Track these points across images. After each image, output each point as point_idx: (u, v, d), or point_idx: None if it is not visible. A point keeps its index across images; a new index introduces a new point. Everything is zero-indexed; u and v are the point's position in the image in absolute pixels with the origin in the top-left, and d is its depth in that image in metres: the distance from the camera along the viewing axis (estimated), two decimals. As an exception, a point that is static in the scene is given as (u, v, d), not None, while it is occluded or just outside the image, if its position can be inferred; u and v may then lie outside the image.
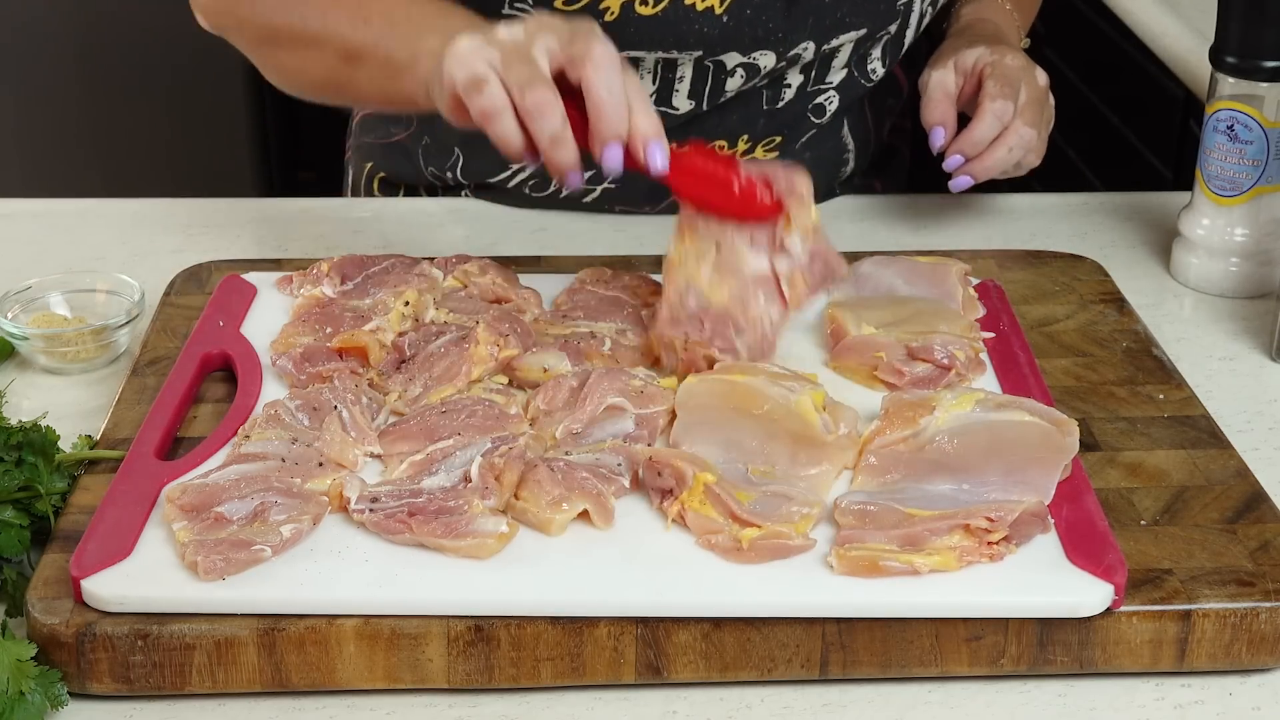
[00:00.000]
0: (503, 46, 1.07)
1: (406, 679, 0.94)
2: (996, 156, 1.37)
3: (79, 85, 2.98)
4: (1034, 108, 1.38)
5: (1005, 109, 1.37)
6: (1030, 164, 1.40)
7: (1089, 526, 1.00)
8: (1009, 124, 1.37)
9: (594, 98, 1.06)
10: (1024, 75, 1.39)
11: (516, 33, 1.08)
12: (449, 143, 1.51)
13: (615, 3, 1.33)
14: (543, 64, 1.06)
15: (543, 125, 1.06)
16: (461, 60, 1.08)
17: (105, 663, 0.93)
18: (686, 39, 1.35)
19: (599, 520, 0.99)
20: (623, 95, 1.06)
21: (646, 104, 1.08)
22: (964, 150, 1.38)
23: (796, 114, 1.47)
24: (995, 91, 1.37)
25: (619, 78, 1.06)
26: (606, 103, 1.06)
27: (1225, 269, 1.39)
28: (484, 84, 1.06)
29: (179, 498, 0.99)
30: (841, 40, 1.40)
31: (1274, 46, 1.31)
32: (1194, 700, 0.96)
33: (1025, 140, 1.37)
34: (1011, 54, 1.41)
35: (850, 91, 1.47)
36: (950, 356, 1.16)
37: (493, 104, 1.06)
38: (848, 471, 1.06)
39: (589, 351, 1.15)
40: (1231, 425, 1.19)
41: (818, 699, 0.96)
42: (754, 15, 1.35)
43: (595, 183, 1.49)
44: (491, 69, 1.06)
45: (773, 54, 1.38)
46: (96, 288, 1.29)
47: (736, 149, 1.47)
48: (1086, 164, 2.41)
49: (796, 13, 1.36)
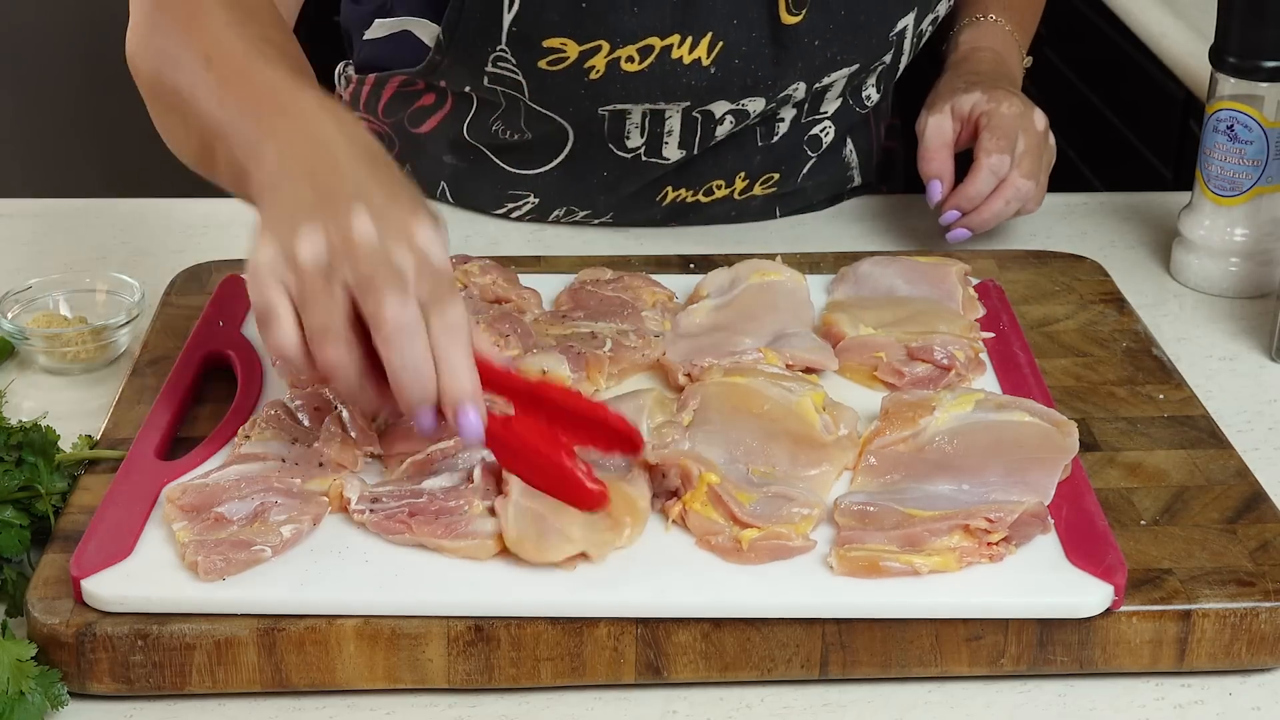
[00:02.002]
0: (300, 274, 0.92)
1: (406, 679, 0.94)
2: (993, 210, 1.37)
3: (79, 85, 2.98)
4: (1031, 156, 1.37)
5: (1001, 163, 1.35)
6: (1029, 210, 1.40)
7: (1089, 527, 1.00)
8: (1005, 177, 1.36)
9: (389, 369, 0.92)
10: (1021, 123, 1.37)
11: (318, 251, 0.92)
12: (436, 176, 1.50)
13: (601, 61, 1.31)
14: (341, 306, 0.92)
15: (338, 385, 0.94)
16: (255, 283, 0.93)
17: (105, 663, 0.93)
18: (674, 91, 1.34)
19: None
20: (421, 361, 0.92)
21: (457, 360, 0.93)
22: (960, 206, 1.37)
23: (792, 148, 1.46)
24: (991, 146, 1.36)
25: (414, 343, 0.91)
26: (400, 375, 0.92)
27: (1225, 269, 1.39)
28: (275, 323, 0.93)
29: (179, 498, 0.99)
30: (834, 78, 1.39)
31: (1274, 46, 1.31)
32: (1194, 700, 0.96)
33: (1022, 193, 1.36)
34: (1008, 99, 1.38)
35: (845, 120, 1.47)
36: (950, 357, 1.16)
37: (283, 348, 0.94)
38: (848, 472, 1.06)
39: (589, 353, 1.15)
40: (1231, 425, 1.19)
41: (818, 699, 0.96)
42: (742, 65, 1.34)
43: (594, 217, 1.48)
44: (285, 300, 0.93)
45: (762, 99, 1.37)
46: (96, 288, 1.29)
47: (734, 187, 1.46)
48: (1086, 164, 2.41)
49: (785, 58, 1.35)
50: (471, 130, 1.44)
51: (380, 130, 1.50)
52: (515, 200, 1.47)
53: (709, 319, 1.21)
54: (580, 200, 1.46)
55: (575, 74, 1.32)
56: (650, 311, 1.23)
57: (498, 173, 1.46)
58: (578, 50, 1.30)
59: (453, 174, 1.49)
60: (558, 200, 1.47)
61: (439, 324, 0.92)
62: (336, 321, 0.92)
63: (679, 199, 1.46)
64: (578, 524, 0.97)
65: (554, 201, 1.47)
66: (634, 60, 1.31)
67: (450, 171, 1.49)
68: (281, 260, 0.93)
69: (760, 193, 1.47)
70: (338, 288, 0.92)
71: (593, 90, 1.33)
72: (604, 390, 1.14)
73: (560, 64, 1.31)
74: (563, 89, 1.33)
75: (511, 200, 1.48)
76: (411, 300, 0.92)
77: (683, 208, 1.47)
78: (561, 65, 1.31)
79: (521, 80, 1.33)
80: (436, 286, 0.93)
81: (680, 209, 1.47)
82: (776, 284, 1.25)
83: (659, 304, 1.24)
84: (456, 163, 1.47)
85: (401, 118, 1.48)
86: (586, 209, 1.47)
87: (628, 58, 1.31)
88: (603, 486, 0.97)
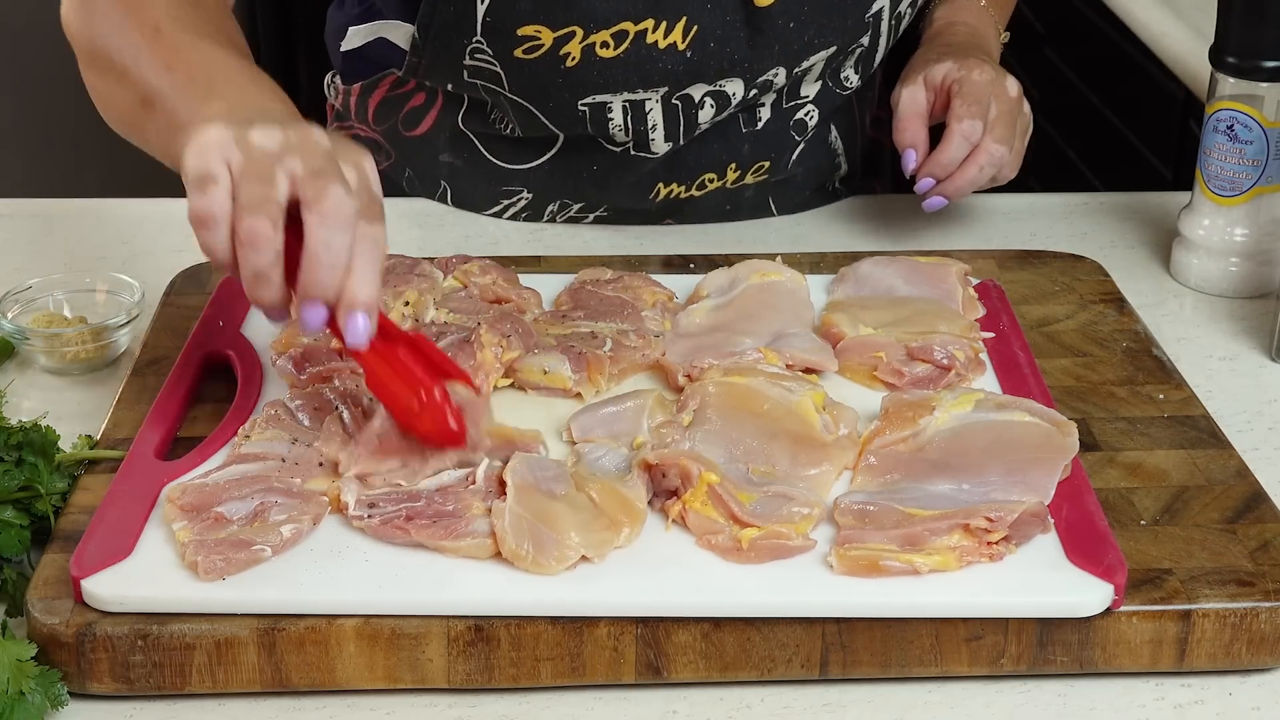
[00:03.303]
0: (249, 152, 0.95)
1: (406, 679, 0.94)
2: (968, 176, 1.36)
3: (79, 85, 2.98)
4: (1004, 122, 1.37)
5: (973, 128, 1.35)
6: (1005, 177, 1.39)
7: (1089, 526, 1.00)
8: (978, 143, 1.36)
9: (308, 249, 0.94)
10: (993, 89, 1.37)
11: (271, 140, 0.96)
12: (435, 177, 1.51)
13: (576, 48, 1.32)
14: (281, 188, 0.94)
15: (249, 257, 0.94)
16: (200, 151, 0.96)
17: (105, 663, 0.93)
18: (651, 77, 1.34)
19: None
20: (342, 253, 0.94)
21: (369, 270, 0.95)
22: (934, 173, 1.37)
23: (778, 134, 1.46)
24: (963, 111, 1.36)
25: (343, 234, 0.94)
26: (319, 257, 0.93)
27: (1225, 269, 1.39)
28: (211, 186, 0.94)
29: (179, 498, 0.99)
30: (812, 61, 1.39)
31: (1274, 46, 1.31)
32: (1194, 700, 0.96)
33: (995, 158, 1.36)
34: (979, 67, 1.38)
35: (828, 102, 1.47)
36: (950, 357, 1.16)
37: (210, 210, 0.95)
38: (848, 472, 1.06)
39: (590, 353, 1.15)
40: (1231, 425, 1.19)
41: (818, 699, 0.96)
42: (718, 48, 1.34)
43: (587, 211, 1.49)
44: (226, 172, 0.95)
45: (740, 81, 1.37)
46: (96, 288, 1.29)
47: (726, 179, 1.46)
48: (1086, 164, 2.41)
49: (761, 41, 1.35)
50: (467, 120, 1.44)
51: (371, 138, 1.50)
52: (510, 196, 1.48)
53: (709, 319, 1.21)
54: (573, 194, 1.47)
55: (551, 62, 1.32)
56: (650, 311, 1.23)
57: (492, 168, 1.47)
58: (552, 37, 1.31)
59: (450, 173, 1.49)
60: (551, 194, 1.47)
61: (364, 233, 0.95)
62: (273, 197, 0.94)
63: (671, 194, 1.46)
64: (574, 528, 0.97)
65: (548, 195, 1.47)
66: (609, 46, 1.32)
67: (447, 170, 1.49)
68: (231, 140, 0.96)
69: (752, 181, 1.47)
70: (282, 174, 0.95)
71: (570, 79, 1.34)
72: (604, 390, 1.15)
73: (536, 52, 1.32)
74: (541, 78, 1.34)
75: (506, 196, 1.48)
76: (353, 199, 0.95)
77: (677, 202, 1.47)
78: (537, 53, 1.32)
79: (500, 72, 1.34)
80: (371, 204, 0.97)
81: (675, 203, 1.47)
82: (776, 284, 1.25)
83: (659, 304, 1.24)
84: (453, 160, 1.48)
85: (394, 123, 1.48)
86: (580, 202, 1.47)
87: (602, 43, 1.32)
88: (462, 429, 0.99)
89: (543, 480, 1.01)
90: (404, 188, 1.53)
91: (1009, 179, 1.40)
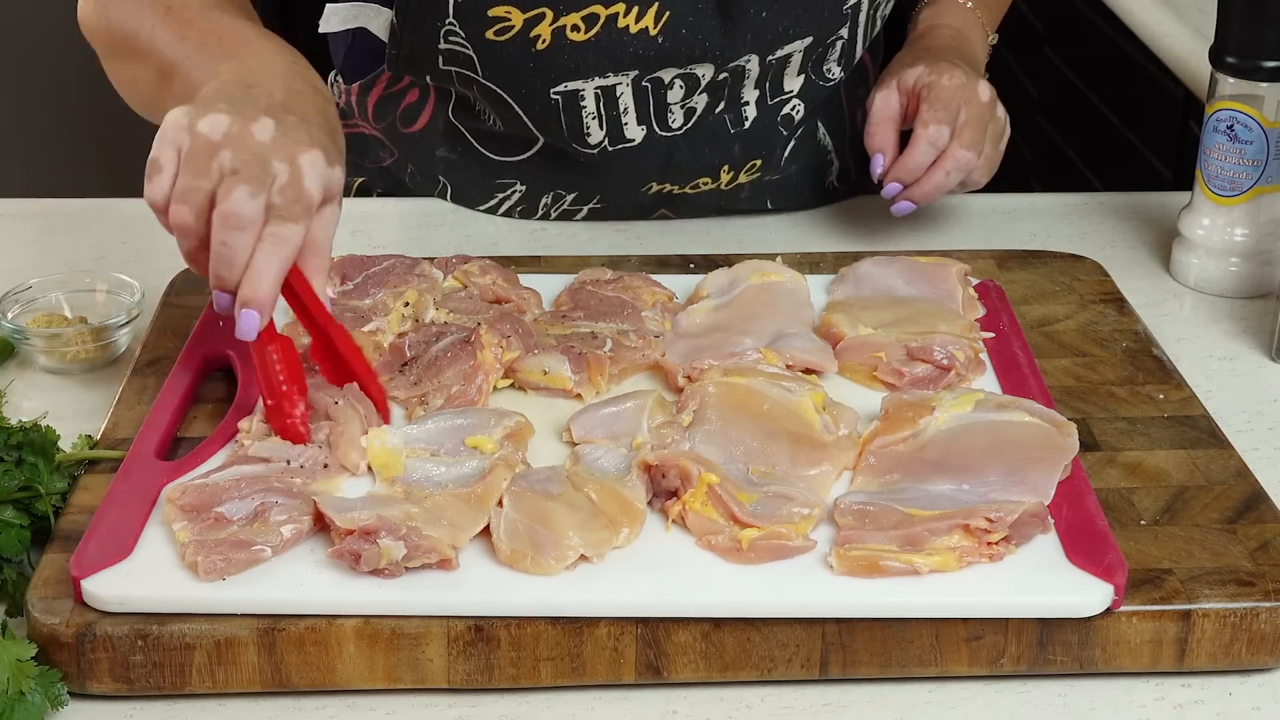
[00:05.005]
0: (194, 140, 1.02)
1: (406, 679, 0.94)
2: (934, 182, 1.36)
3: (79, 85, 2.98)
4: (973, 128, 1.36)
5: (939, 134, 1.35)
6: (976, 182, 1.39)
7: (1089, 526, 1.00)
8: (945, 148, 1.36)
9: (211, 246, 1.01)
10: (963, 94, 1.37)
11: (216, 129, 1.02)
12: (434, 172, 1.51)
13: (547, 30, 1.32)
14: (213, 178, 1.01)
15: (179, 242, 1.03)
16: (159, 137, 1.04)
17: (105, 663, 0.93)
18: (621, 61, 1.35)
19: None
20: (238, 250, 1.00)
21: (266, 269, 1.00)
22: (900, 178, 1.37)
23: (766, 131, 1.46)
24: (929, 116, 1.35)
25: (239, 235, 1.00)
26: (216, 254, 1.01)
27: (1225, 269, 1.39)
28: (156, 174, 1.03)
29: (179, 498, 0.99)
30: (788, 50, 1.39)
31: (1274, 46, 1.31)
32: (1194, 700, 0.96)
33: (962, 163, 1.36)
34: (950, 71, 1.38)
35: (812, 96, 1.46)
36: (950, 357, 1.16)
37: (153, 198, 1.03)
38: (848, 472, 1.06)
39: (590, 354, 1.15)
40: (1231, 425, 1.19)
41: (818, 699, 0.96)
42: (689, 34, 1.34)
43: (581, 203, 1.49)
44: (174, 159, 1.03)
45: (711, 66, 1.37)
46: (96, 288, 1.29)
47: (719, 182, 1.46)
48: (1086, 164, 2.41)
49: (733, 29, 1.35)
50: (457, 113, 1.45)
51: (374, 136, 1.51)
52: (504, 189, 1.48)
53: (709, 319, 1.21)
54: (566, 184, 1.47)
55: (522, 44, 1.33)
56: (650, 312, 1.23)
57: (485, 161, 1.47)
58: (522, 18, 1.32)
59: (447, 167, 1.49)
60: (544, 185, 1.47)
61: (270, 232, 1.01)
62: (199, 189, 1.01)
63: (664, 190, 1.46)
64: (572, 527, 0.97)
65: (541, 187, 1.48)
66: (580, 30, 1.32)
67: (444, 165, 1.49)
68: (185, 126, 1.03)
69: (746, 180, 1.47)
70: (214, 165, 1.01)
71: (541, 63, 1.34)
72: (604, 391, 1.15)
73: (507, 34, 1.32)
74: (512, 61, 1.34)
75: (501, 189, 1.48)
76: (260, 200, 1.00)
77: (671, 196, 1.47)
78: (508, 35, 1.32)
79: (472, 55, 1.35)
80: (290, 203, 1.02)
81: (669, 197, 1.48)
82: (776, 284, 1.25)
83: (659, 304, 1.24)
84: (449, 154, 1.48)
85: (393, 120, 1.48)
86: (573, 192, 1.47)
87: (573, 26, 1.32)
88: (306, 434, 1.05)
89: (537, 483, 1.01)
90: (407, 184, 1.53)
91: (980, 184, 1.40)
